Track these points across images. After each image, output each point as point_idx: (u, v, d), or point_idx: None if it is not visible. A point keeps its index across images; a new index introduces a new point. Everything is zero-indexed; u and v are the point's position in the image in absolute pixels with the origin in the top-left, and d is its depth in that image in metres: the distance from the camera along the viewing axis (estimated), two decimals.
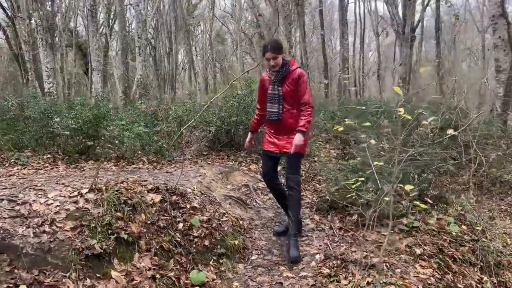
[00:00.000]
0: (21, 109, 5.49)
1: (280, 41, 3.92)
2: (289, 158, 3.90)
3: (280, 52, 3.75)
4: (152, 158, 5.86)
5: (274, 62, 3.74)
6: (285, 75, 3.79)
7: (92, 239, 2.95)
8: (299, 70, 3.81)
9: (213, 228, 3.81)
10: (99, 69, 15.88)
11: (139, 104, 7.19)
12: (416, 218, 4.73)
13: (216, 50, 32.60)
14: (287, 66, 3.81)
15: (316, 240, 4.17)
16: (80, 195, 3.30)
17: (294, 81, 3.77)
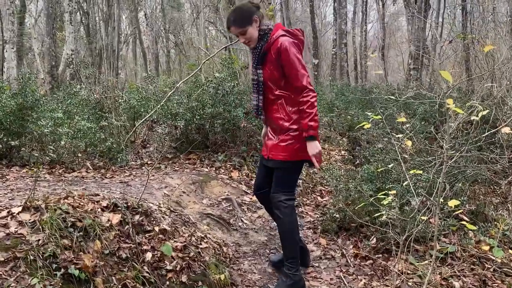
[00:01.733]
0: None
1: (246, 8, 3.46)
2: (275, 168, 3.57)
3: (247, 24, 3.37)
4: (99, 163, 5.71)
5: (244, 39, 3.43)
6: (264, 53, 3.43)
7: (31, 277, 2.81)
8: (280, 40, 3.33)
9: (191, 259, 3.72)
10: (13, 41, 15.45)
11: (79, 89, 6.96)
12: (450, 241, 4.78)
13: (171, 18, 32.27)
14: (265, 39, 3.42)
15: (325, 272, 4.15)
16: (11, 215, 3.16)
17: (274, 60, 3.37)
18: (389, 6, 28.88)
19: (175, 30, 32.71)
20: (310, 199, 5.91)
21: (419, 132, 6.19)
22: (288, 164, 3.45)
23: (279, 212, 3.50)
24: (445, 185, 3.08)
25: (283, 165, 3.45)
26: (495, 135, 6.25)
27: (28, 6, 24.19)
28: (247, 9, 3.40)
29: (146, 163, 6.00)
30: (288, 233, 3.54)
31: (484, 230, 5.08)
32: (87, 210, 3.48)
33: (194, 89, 6.53)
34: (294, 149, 3.38)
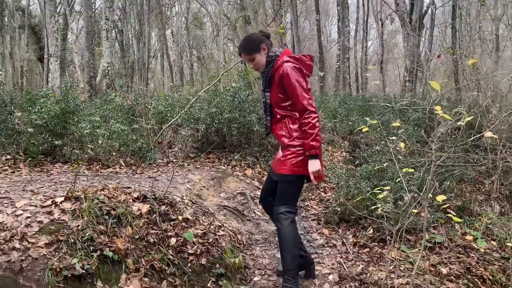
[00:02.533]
0: None
1: (255, 37, 3.39)
2: (278, 181, 3.37)
3: (254, 51, 3.28)
4: (130, 160, 5.76)
5: (252, 65, 3.37)
6: (270, 77, 3.30)
7: (71, 257, 2.85)
8: (283, 66, 3.19)
9: (210, 244, 3.75)
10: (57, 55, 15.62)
11: (114, 96, 7.05)
12: (439, 232, 4.77)
13: (194, 35, 32.41)
14: (272, 64, 3.30)
15: (327, 258, 4.15)
16: (55, 204, 3.21)
17: (278, 84, 3.24)
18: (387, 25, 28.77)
19: (198, 46, 32.87)
20: (314, 195, 5.91)
21: (411, 136, 6.17)
22: (289, 178, 3.25)
23: (279, 223, 3.31)
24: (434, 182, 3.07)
25: (283, 178, 3.27)
26: (480, 139, 6.21)
27: (70, 25, 24.46)
28: (256, 39, 3.33)
29: (172, 161, 6.04)
30: (287, 244, 3.29)
31: (469, 223, 5.06)
32: (120, 200, 3.53)
33: (214, 97, 6.57)
34: (293, 163, 3.19)
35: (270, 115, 3.40)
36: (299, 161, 3.19)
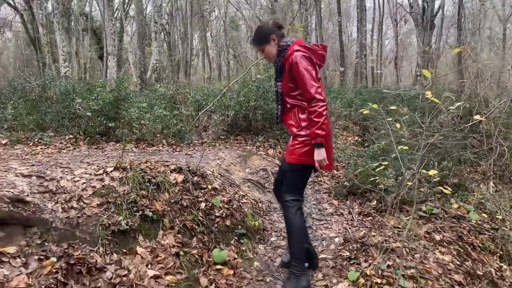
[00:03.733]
0: (43, 90, 5.58)
1: (265, 28, 3.00)
2: (286, 168, 3.11)
3: (264, 42, 2.97)
4: (171, 141, 5.93)
5: (263, 55, 3.06)
6: (281, 68, 2.97)
7: (118, 216, 3.02)
8: (293, 55, 2.84)
9: (234, 209, 3.88)
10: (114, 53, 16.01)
11: (159, 87, 7.25)
12: (435, 205, 4.74)
13: (230, 36, 32.46)
14: (282, 54, 2.95)
15: (335, 224, 4.21)
16: (106, 173, 3.38)
17: (290, 73, 2.89)
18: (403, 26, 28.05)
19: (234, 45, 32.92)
20: (328, 172, 5.94)
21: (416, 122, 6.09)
22: (296, 167, 2.95)
23: (286, 211, 3.04)
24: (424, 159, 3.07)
25: (291, 167, 2.99)
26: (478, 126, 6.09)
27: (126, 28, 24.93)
28: (266, 30, 2.97)
29: (205, 141, 6.19)
30: (294, 232, 3.01)
31: (464, 198, 5.01)
32: (159, 171, 3.69)
33: (242, 87, 6.66)
34: (301, 153, 2.88)
35: (282, 105, 3.07)
36: (307, 150, 2.86)
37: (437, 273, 3.37)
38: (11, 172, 3.16)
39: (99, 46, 24.46)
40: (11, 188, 2.85)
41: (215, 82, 9.18)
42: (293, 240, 3.02)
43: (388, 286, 3.00)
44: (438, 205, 4.69)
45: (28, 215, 2.72)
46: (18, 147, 4.56)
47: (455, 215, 4.62)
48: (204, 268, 3.09)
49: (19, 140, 4.80)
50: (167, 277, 2.82)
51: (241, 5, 32.95)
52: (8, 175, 3.08)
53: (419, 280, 3.13)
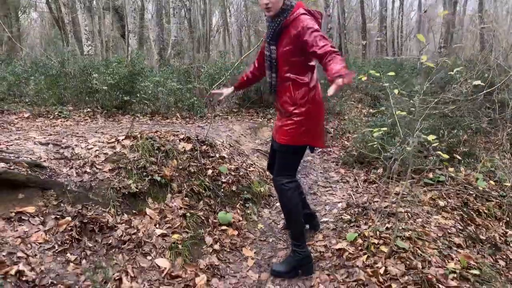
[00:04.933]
0: (62, 66, 5.82)
1: None
2: (277, 150, 2.87)
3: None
4: (185, 114, 6.10)
5: (268, 1, 2.54)
6: (281, 29, 2.59)
7: (128, 180, 3.22)
8: (302, 18, 2.51)
9: (240, 176, 4.03)
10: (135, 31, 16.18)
11: (173, 61, 7.40)
12: (443, 173, 4.77)
13: (251, 11, 32.14)
14: (285, 14, 2.57)
15: (339, 191, 4.32)
16: (117, 141, 3.58)
17: (293, 37, 2.52)
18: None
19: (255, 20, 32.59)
20: (338, 143, 6.01)
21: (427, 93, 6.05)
22: (290, 148, 2.74)
23: (282, 194, 2.85)
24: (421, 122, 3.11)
25: (284, 149, 2.76)
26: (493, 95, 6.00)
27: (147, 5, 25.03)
28: None
29: (218, 114, 6.34)
30: (293, 214, 2.88)
31: (473, 166, 5.02)
32: (169, 140, 3.86)
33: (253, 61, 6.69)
34: (297, 133, 2.68)
35: (276, 72, 2.72)
36: (303, 131, 2.68)
37: (436, 236, 3.46)
38: (30, 140, 3.40)
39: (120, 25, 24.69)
40: (30, 154, 3.07)
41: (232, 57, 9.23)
42: (292, 222, 2.92)
43: (384, 246, 3.12)
44: (444, 173, 4.72)
45: (45, 179, 2.94)
46: (39, 120, 4.82)
47: (463, 183, 4.66)
48: (210, 228, 3.28)
49: (40, 113, 5.07)
50: (174, 236, 3.02)
51: None
52: (27, 143, 3.31)
53: (416, 241, 3.23)
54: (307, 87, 2.65)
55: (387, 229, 3.40)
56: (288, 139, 2.71)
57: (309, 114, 2.67)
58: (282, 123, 2.76)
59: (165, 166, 3.54)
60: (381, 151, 4.51)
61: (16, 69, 5.88)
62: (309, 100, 2.66)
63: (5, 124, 4.39)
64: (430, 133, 4.79)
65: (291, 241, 2.96)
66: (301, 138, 2.71)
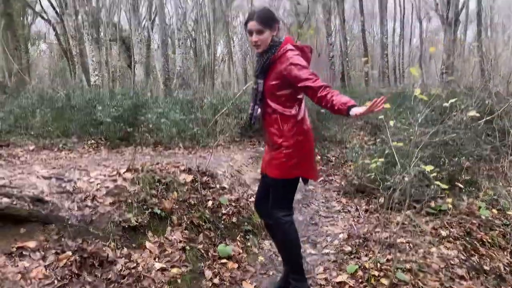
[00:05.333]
0: (68, 99, 5.95)
1: (272, 12, 2.72)
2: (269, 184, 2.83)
3: (268, 26, 2.59)
4: (188, 144, 6.17)
5: (257, 38, 2.58)
6: (269, 64, 2.62)
7: (128, 213, 3.25)
8: (288, 54, 2.56)
9: (241, 207, 4.05)
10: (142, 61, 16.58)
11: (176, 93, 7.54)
12: (444, 201, 4.75)
13: None
14: (273, 50, 2.61)
15: (341, 221, 4.31)
16: (119, 174, 3.62)
17: (280, 72, 2.56)
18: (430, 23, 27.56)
19: None
20: (340, 171, 6.02)
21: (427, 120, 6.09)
22: (282, 182, 2.71)
23: (279, 228, 2.81)
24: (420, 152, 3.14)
25: (277, 183, 2.73)
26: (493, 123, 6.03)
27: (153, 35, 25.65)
28: (274, 14, 2.70)
29: (221, 144, 6.38)
30: (292, 248, 2.83)
31: (476, 195, 4.99)
32: (169, 172, 3.91)
33: None
34: (287, 166, 2.64)
35: (261, 105, 2.72)
36: (294, 163, 2.65)
37: (439, 267, 3.42)
38: (34, 174, 3.45)
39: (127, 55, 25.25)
40: (33, 189, 3.12)
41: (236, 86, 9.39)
42: (292, 256, 2.85)
43: (385, 279, 3.10)
44: (447, 202, 4.70)
45: (47, 213, 2.98)
46: (44, 153, 4.91)
47: (465, 212, 4.63)
48: (209, 262, 3.27)
49: (45, 146, 5.16)
50: (173, 270, 3.02)
51: None
52: (31, 177, 3.37)
53: (417, 273, 3.21)
54: (295, 119, 2.64)
55: (387, 260, 3.38)
56: (279, 173, 2.67)
57: (298, 145, 2.64)
58: (272, 156, 2.72)
59: (166, 199, 3.57)
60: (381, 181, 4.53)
61: (23, 102, 6.02)
62: (298, 131, 2.64)
63: (10, 157, 4.47)
64: (430, 162, 4.83)
65: (291, 275, 2.87)
66: (292, 170, 2.66)
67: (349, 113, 2.24)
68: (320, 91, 2.37)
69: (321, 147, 6.75)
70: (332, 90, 2.37)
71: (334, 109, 2.30)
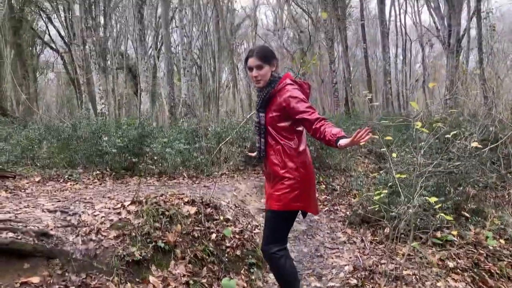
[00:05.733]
0: (74, 129, 6.03)
1: (271, 50, 2.89)
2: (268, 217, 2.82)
3: (267, 62, 2.73)
4: (192, 173, 6.19)
5: (257, 73, 2.72)
6: (269, 98, 2.73)
7: (132, 247, 3.24)
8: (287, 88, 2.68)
9: (245, 239, 4.02)
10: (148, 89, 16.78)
11: (181, 122, 7.62)
12: (451, 231, 4.70)
13: None
14: (272, 85, 2.74)
15: (346, 253, 4.26)
16: (123, 207, 3.63)
17: (280, 105, 2.66)
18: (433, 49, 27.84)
19: None
20: (345, 200, 6.00)
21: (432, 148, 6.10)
22: (282, 214, 2.70)
23: (274, 264, 2.77)
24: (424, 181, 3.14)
25: (276, 215, 2.71)
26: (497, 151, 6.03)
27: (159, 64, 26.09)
28: (272, 51, 2.85)
29: (224, 173, 6.41)
30: (290, 283, 2.77)
31: (482, 224, 4.95)
32: (173, 204, 3.90)
33: None
34: (289, 198, 2.64)
35: (264, 137, 2.79)
36: (296, 195, 2.65)
37: None
38: (39, 208, 3.47)
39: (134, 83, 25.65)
40: (38, 223, 3.13)
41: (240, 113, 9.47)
42: None
43: None
44: (453, 232, 4.66)
45: (51, 248, 2.97)
46: (50, 184, 4.94)
47: (472, 242, 4.57)
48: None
49: (51, 177, 5.19)
50: None
51: (269, 37, 33.80)
52: (36, 210, 3.39)
53: None
54: (297, 151, 2.70)
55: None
56: (281, 205, 2.67)
57: (300, 177, 2.67)
58: (273, 188, 2.73)
59: (169, 232, 3.56)
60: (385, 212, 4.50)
61: (30, 133, 6.11)
62: (300, 163, 2.68)
63: (17, 189, 4.50)
64: (435, 191, 4.81)
65: None
66: (293, 203, 2.66)
67: (337, 144, 2.31)
68: (315, 123, 2.46)
69: (326, 176, 6.75)
70: (327, 122, 2.44)
71: (326, 140, 2.38)
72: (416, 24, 22.99)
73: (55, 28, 23.53)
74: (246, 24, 32.66)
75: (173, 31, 24.06)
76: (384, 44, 17.10)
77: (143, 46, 17.12)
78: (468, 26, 18.02)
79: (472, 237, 4.64)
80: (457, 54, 17.57)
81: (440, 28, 17.96)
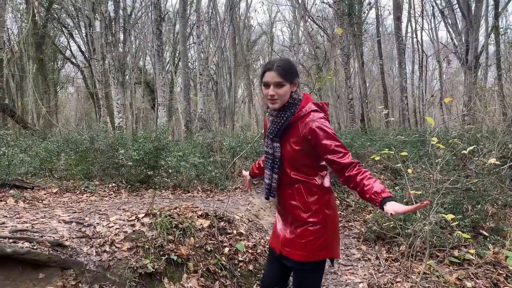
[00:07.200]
0: (91, 142, 6.13)
1: (295, 67, 2.25)
2: (293, 269, 2.31)
3: (289, 80, 2.17)
4: (206, 187, 6.21)
5: (274, 92, 2.16)
6: (288, 125, 2.20)
7: (145, 259, 3.25)
8: (313, 115, 2.15)
9: (258, 254, 3.99)
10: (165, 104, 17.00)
11: (196, 136, 7.68)
12: (468, 250, 4.60)
13: None
14: (292, 109, 2.19)
15: (361, 270, 4.19)
16: (137, 219, 3.66)
17: (303, 137, 2.15)
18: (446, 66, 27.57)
19: None
20: (360, 216, 5.92)
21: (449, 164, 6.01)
22: (310, 266, 2.21)
23: None
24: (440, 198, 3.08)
25: (304, 267, 2.23)
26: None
27: (176, 79, 26.47)
28: (295, 68, 2.25)
29: (239, 187, 6.40)
30: None
31: (502, 243, 4.82)
32: (187, 216, 3.91)
33: None
34: (316, 246, 2.18)
35: (279, 172, 2.26)
36: (322, 242, 2.19)
37: None
38: (55, 218, 3.52)
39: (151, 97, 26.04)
40: (53, 233, 3.17)
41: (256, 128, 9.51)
42: None
43: None
44: (471, 251, 4.55)
45: (66, 258, 3.00)
46: (66, 196, 5.01)
47: (491, 261, 4.46)
48: None
49: (68, 188, 5.27)
50: None
51: (285, 53, 34.00)
52: (52, 221, 3.44)
53: None
54: (321, 189, 2.23)
55: None
56: (307, 255, 2.19)
57: (326, 221, 2.21)
58: (295, 234, 2.23)
59: (182, 245, 3.57)
60: (401, 229, 4.43)
61: (48, 146, 6.23)
62: (325, 204, 2.23)
63: (35, 200, 4.57)
64: (452, 208, 4.72)
65: None
66: (320, 251, 2.20)
67: (383, 207, 1.89)
68: (349, 169, 2.03)
69: (340, 191, 6.68)
70: (363, 170, 2.01)
71: (365, 197, 1.97)
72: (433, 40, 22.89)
73: (76, 44, 24.21)
74: (263, 40, 33.02)
75: (190, 47, 24.49)
76: (400, 60, 17.03)
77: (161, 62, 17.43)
78: (486, 43, 17.87)
79: (491, 257, 4.52)
80: (475, 70, 17.40)
81: (458, 44, 17.85)
